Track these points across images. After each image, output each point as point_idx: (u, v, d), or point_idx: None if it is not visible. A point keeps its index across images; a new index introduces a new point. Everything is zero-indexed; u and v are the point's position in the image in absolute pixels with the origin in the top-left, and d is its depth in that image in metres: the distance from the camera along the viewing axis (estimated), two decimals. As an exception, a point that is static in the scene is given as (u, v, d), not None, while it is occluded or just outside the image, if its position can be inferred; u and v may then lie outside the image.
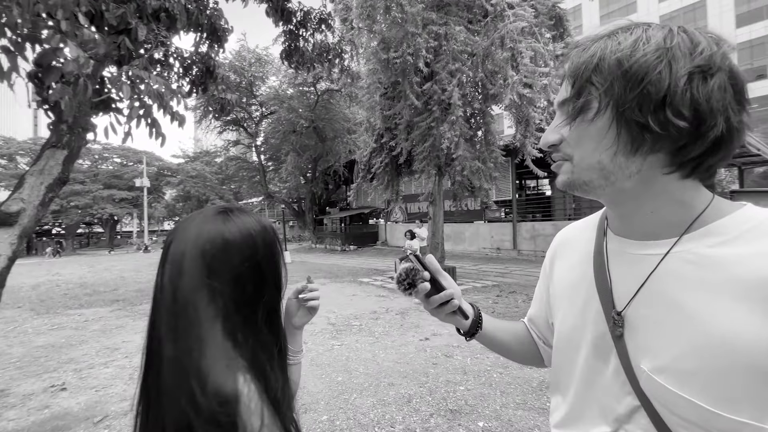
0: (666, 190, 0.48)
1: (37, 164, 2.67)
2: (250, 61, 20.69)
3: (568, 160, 0.51)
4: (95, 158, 33.61)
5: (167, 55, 4.10)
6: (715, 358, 0.43)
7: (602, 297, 0.55)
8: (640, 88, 0.42)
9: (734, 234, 0.46)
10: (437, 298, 0.64)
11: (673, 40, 0.43)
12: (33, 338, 5.27)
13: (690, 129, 0.42)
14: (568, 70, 0.50)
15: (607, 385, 0.54)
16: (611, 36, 0.47)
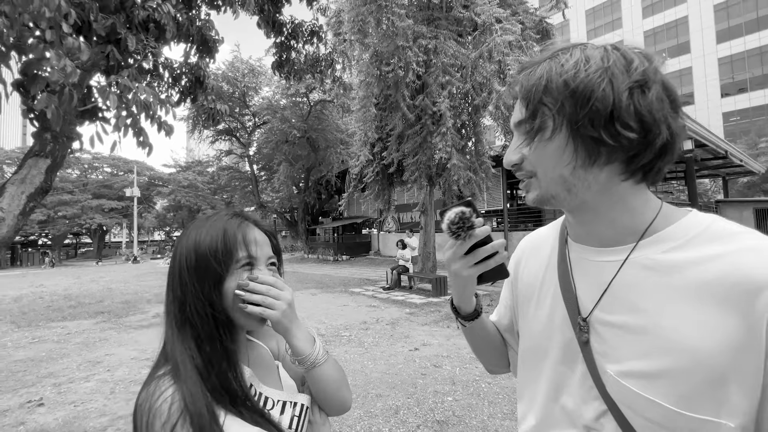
0: (622, 198, 0.51)
1: (18, 173, 2.63)
2: (243, 72, 20.81)
3: (533, 176, 0.54)
4: (85, 168, 33.22)
5: (156, 65, 4.11)
6: (675, 359, 0.44)
7: (568, 304, 0.57)
8: (589, 105, 0.46)
9: (683, 240, 0.49)
10: (488, 247, 0.57)
11: (610, 59, 0.47)
12: (12, 352, 5.11)
13: (639, 138, 0.46)
14: (519, 93, 0.53)
15: (575, 390, 0.55)
16: (554, 58, 0.50)
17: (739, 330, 0.42)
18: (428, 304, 7.38)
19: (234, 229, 0.64)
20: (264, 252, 0.67)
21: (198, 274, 0.61)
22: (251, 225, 0.68)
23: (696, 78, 29.07)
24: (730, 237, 0.47)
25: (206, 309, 0.60)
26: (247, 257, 0.64)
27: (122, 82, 3.00)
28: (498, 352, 0.78)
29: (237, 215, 0.68)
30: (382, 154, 9.79)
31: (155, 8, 3.56)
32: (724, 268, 0.44)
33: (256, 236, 0.66)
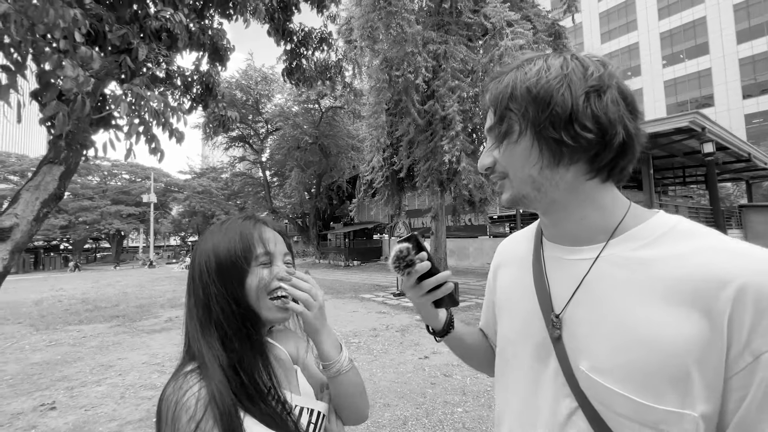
0: (590, 196, 0.54)
1: (33, 180, 2.69)
2: (257, 80, 21.20)
3: (505, 177, 0.57)
4: (104, 175, 34.24)
5: (169, 74, 4.19)
6: (644, 353, 0.46)
7: (541, 301, 0.59)
8: (549, 109, 0.49)
9: (651, 238, 0.51)
10: (433, 280, 0.62)
11: (568, 67, 0.51)
12: (29, 355, 5.23)
13: (597, 139, 0.49)
14: (489, 101, 0.57)
15: (548, 389, 0.56)
16: (519, 68, 0.54)
17: (703, 325, 0.44)
18: (439, 310, 7.26)
19: (250, 229, 0.69)
20: (279, 249, 0.70)
21: (221, 275, 0.65)
22: (264, 225, 0.72)
23: (716, 79, 28.27)
24: (696, 236, 0.49)
25: (232, 307, 0.64)
26: (265, 253, 0.68)
27: (135, 90, 3.06)
28: (484, 358, 0.80)
29: (250, 217, 0.73)
30: (393, 160, 9.77)
31: (168, 18, 3.63)
32: (689, 266, 0.47)
33: (271, 234, 0.71)
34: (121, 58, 3.31)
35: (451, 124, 7.70)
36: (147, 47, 3.43)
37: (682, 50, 29.79)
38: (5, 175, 28.80)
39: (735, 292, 0.43)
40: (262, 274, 0.66)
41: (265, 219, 0.74)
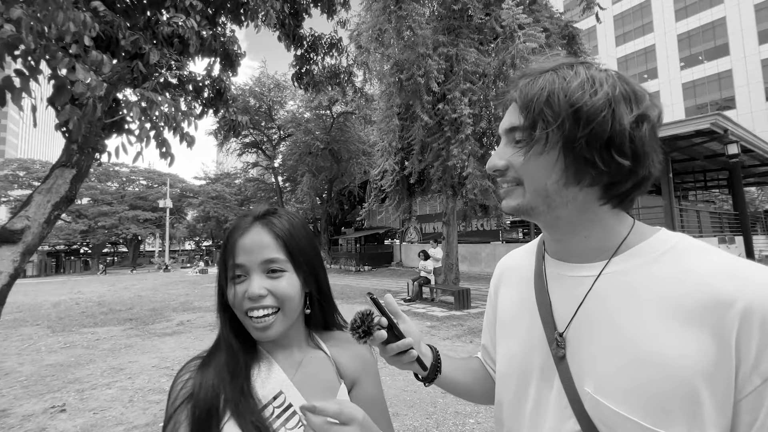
0: (597, 216, 0.52)
1: (45, 183, 2.72)
2: (269, 87, 21.52)
3: (519, 185, 0.54)
4: (123, 180, 35.18)
5: (180, 79, 4.24)
6: (649, 374, 0.44)
7: (544, 319, 0.57)
8: (590, 128, 0.46)
9: (653, 256, 0.50)
10: (394, 346, 0.60)
11: (617, 89, 0.48)
12: (44, 356, 5.31)
13: (629, 168, 0.47)
14: (518, 100, 0.52)
15: (550, 410, 0.54)
16: (557, 71, 0.50)
17: (710, 345, 0.42)
18: (450, 317, 7.13)
19: (233, 234, 0.64)
20: (254, 258, 0.61)
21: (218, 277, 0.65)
22: (253, 226, 0.64)
23: (737, 81, 27.43)
24: (698, 253, 0.48)
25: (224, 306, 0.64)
26: (234, 266, 0.61)
27: (146, 94, 3.09)
28: (482, 392, 0.76)
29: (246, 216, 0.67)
30: (404, 164, 9.72)
31: (180, 25, 3.68)
32: (693, 284, 0.45)
33: (251, 240, 0.62)
34: (133, 63, 3.36)
35: (460, 126, 7.61)
36: (159, 53, 3.47)
37: (700, 52, 29.04)
38: (30, 181, 29.87)
39: (740, 314, 0.41)
40: (232, 291, 0.61)
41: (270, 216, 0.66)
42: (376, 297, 0.61)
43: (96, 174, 30.89)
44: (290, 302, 0.63)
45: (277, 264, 0.62)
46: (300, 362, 0.65)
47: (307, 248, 0.67)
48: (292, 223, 0.66)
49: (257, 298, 0.60)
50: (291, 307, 0.63)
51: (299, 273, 0.64)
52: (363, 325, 0.58)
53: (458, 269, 9.93)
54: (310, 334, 0.71)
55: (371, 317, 0.58)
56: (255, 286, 0.60)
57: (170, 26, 3.60)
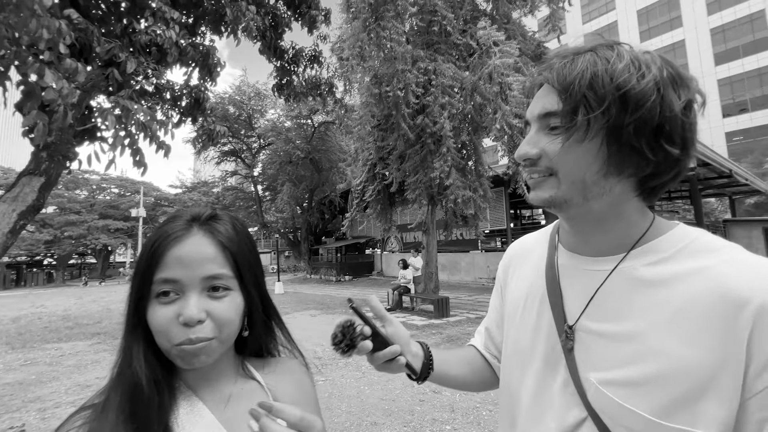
0: (625, 211, 0.51)
1: (11, 191, 2.63)
2: (250, 95, 21.37)
3: (552, 174, 0.50)
4: (93, 188, 33.76)
5: (158, 87, 4.20)
6: (656, 369, 0.45)
7: (554, 311, 0.57)
8: (639, 113, 0.43)
9: (670, 252, 0.49)
10: (381, 355, 0.58)
11: (664, 71, 0.45)
12: (2, 375, 5.00)
13: (676, 156, 0.45)
14: (555, 81, 0.48)
15: (556, 398, 0.54)
16: (596, 51, 0.47)
17: (721, 343, 0.42)
18: (429, 326, 7.19)
19: (160, 241, 0.50)
20: (193, 274, 0.49)
21: (129, 293, 0.51)
22: (192, 233, 0.51)
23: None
24: (715, 251, 0.47)
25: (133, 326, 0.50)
26: (164, 281, 0.48)
27: (122, 102, 3.05)
28: (480, 380, 0.76)
29: (181, 217, 0.53)
30: (384, 173, 9.82)
31: (158, 33, 3.66)
32: (708, 282, 0.45)
33: (188, 250, 0.49)
34: (108, 71, 3.32)
35: (441, 139, 7.81)
36: (136, 61, 3.44)
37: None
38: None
39: (755, 313, 0.41)
40: (155, 314, 0.48)
41: (214, 222, 0.54)
42: (357, 305, 0.57)
43: (64, 182, 29.53)
44: (230, 327, 0.51)
45: (222, 281, 0.51)
46: (229, 397, 0.54)
47: (253, 261, 0.56)
48: (237, 230, 0.55)
49: (194, 324, 0.48)
50: (229, 333, 0.52)
51: (244, 291, 0.54)
52: (345, 338, 0.54)
53: (438, 278, 10.04)
54: (241, 362, 0.59)
55: (353, 328, 0.55)
56: (193, 309, 0.47)
57: (148, 35, 3.58)
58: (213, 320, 0.49)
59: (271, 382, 0.59)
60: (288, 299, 12.25)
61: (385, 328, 0.62)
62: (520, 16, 9.55)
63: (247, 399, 0.55)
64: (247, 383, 0.57)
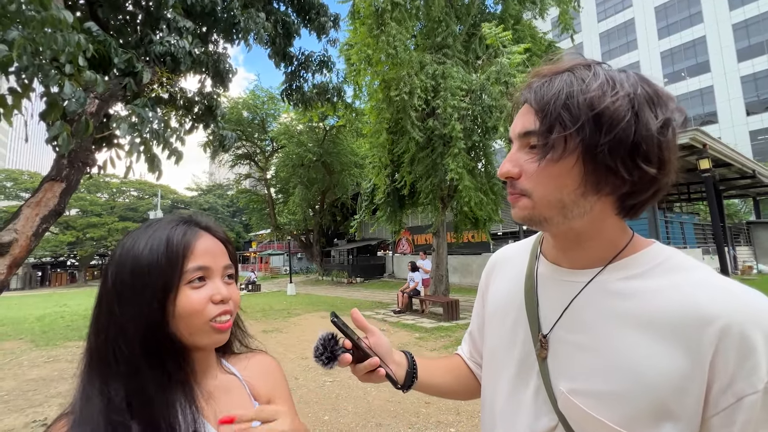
0: (606, 228, 0.52)
1: (35, 196, 2.78)
2: (263, 100, 21.73)
3: (526, 195, 0.51)
4: (113, 192, 34.87)
5: (172, 94, 4.35)
6: (621, 382, 0.46)
7: (530, 319, 0.58)
8: (613, 133, 0.44)
9: (644, 269, 0.50)
10: (361, 367, 0.61)
11: (636, 88, 0.45)
12: (27, 371, 5.23)
13: (653, 175, 0.45)
14: (532, 101, 0.49)
15: (528, 404, 0.56)
16: (573, 71, 0.48)
17: (684, 360, 0.43)
18: (438, 328, 7.18)
19: (179, 238, 0.55)
20: (219, 263, 0.57)
21: (134, 292, 0.52)
22: (201, 232, 0.58)
23: (718, 96, 28.46)
24: (686, 270, 0.48)
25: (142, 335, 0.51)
26: (197, 269, 0.54)
27: (137, 110, 3.19)
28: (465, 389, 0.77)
29: (184, 220, 0.59)
30: (394, 177, 9.87)
31: (172, 44, 3.81)
32: (675, 300, 0.46)
33: (209, 244, 0.57)
34: (125, 81, 3.47)
35: (452, 141, 7.81)
36: (151, 71, 3.59)
37: (683, 68, 30.03)
38: (17, 191, 29.47)
39: (719, 332, 0.42)
40: (192, 297, 0.53)
41: (205, 222, 0.61)
42: (337, 320, 0.59)
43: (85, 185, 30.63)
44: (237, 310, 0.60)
45: (231, 270, 0.60)
46: (211, 393, 0.57)
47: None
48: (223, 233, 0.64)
49: (227, 302, 0.56)
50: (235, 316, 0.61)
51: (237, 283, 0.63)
52: (326, 351, 0.57)
53: (448, 281, 10.01)
54: (218, 358, 0.64)
55: (335, 341, 0.58)
56: (224, 289, 0.56)
57: (163, 45, 3.73)
58: (233, 301, 0.58)
59: (247, 375, 0.64)
60: (299, 301, 12.40)
61: (368, 338, 0.64)
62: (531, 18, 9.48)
63: (227, 394, 0.59)
64: (227, 378, 0.62)
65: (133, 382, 0.50)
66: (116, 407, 0.48)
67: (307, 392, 4.03)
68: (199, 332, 0.54)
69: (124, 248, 0.55)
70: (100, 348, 0.51)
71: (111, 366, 0.50)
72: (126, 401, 0.49)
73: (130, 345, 0.50)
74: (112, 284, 0.53)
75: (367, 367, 0.60)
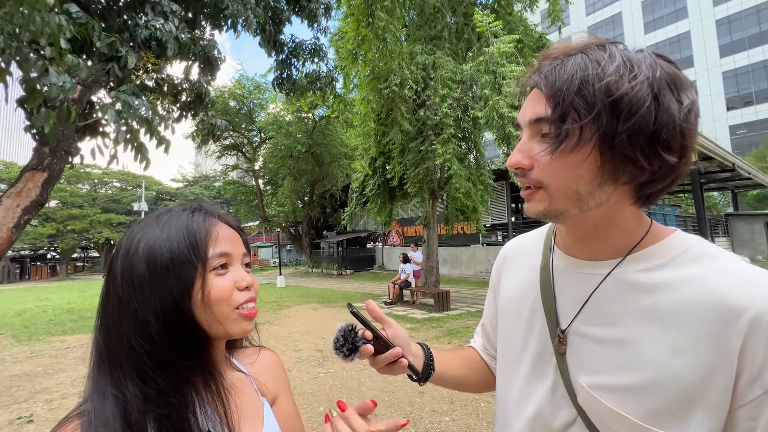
0: (623, 218, 0.50)
1: (15, 186, 2.66)
2: (250, 89, 21.26)
3: (541, 188, 0.48)
4: (94, 183, 33.85)
5: (158, 82, 4.20)
6: (645, 376, 0.45)
7: (548, 314, 0.56)
8: (632, 121, 0.41)
9: (665, 259, 0.48)
10: (383, 358, 0.58)
11: (655, 72, 0.42)
12: (9, 367, 5.09)
13: (676, 163, 0.43)
14: (543, 86, 0.46)
15: (544, 399, 0.55)
16: (587, 53, 0.44)
17: (711, 354, 0.42)
18: (430, 319, 7.25)
19: (200, 225, 0.54)
20: (238, 250, 0.56)
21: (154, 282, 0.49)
22: (217, 220, 0.57)
23: (701, 92, 29.11)
24: (709, 260, 0.47)
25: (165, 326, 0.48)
26: (220, 255, 0.53)
27: (123, 97, 3.07)
28: (479, 382, 0.76)
29: (198, 209, 0.56)
30: (385, 167, 9.82)
31: (158, 28, 3.66)
32: (700, 291, 0.44)
33: (227, 231, 0.56)
34: (109, 66, 3.33)
35: (443, 129, 7.79)
36: (136, 56, 3.45)
37: (667, 63, 30.49)
38: (-7, 182, 28.34)
39: (749, 323, 0.41)
40: (219, 283, 0.52)
41: (218, 211, 0.59)
42: (356, 310, 0.58)
43: (66, 176, 29.61)
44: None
45: (248, 258, 0.59)
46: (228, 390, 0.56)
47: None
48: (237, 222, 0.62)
49: (251, 288, 0.55)
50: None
51: None
52: (347, 342, 0.56)
53: (438, 272, 10.09)
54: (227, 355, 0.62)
55: (354, 332, 0.56)
56: (246, 276, 0.55)
57: (148, 29, 3.58)
58: (254, 288, 0.56)
59: (254, 372, 0.63)
60: (290, 293, 12.34)
61: (384, 330, 0.62)
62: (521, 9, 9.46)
63: (237, 391, 0.57)
64: (235, 375, 0.60)
65: (153, 380, 0.47)
66: (135, 408, 0.46)
67: (300, 384, 4.02)
68: (227, 320, 0.52)
69: (134, 239, 0.51)
70: (114, 347, 0.48)
71: (125, 365, 0.48)
72: (144, 401, 0.46)
73: (150, 340, 0.48)
74: (125, 278, 0.49)
75: (389, 357, 0.58)
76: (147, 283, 0.49)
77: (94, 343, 0.50)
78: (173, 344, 0.49)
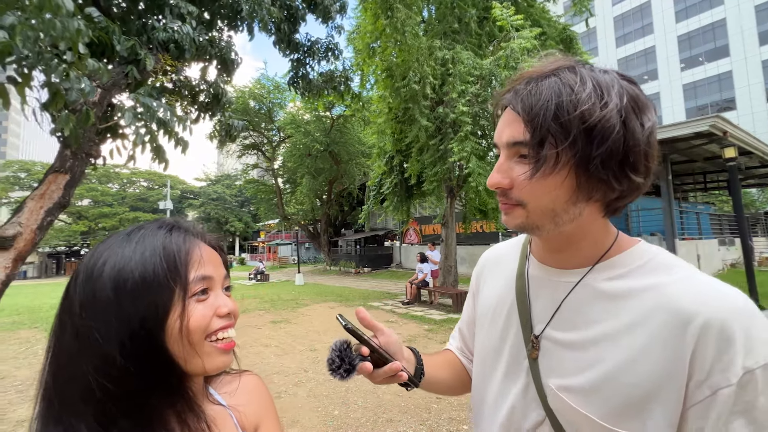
0: (593, 229, 0.53)
1: (38, 189, 2.73)
2: (269, 89, 21.56)
3: (520, 205, 0.51)
4: (123, 182, 35.29)
5: (176, 83, 4.26)
6: (606, 378, 0.48)
7: (522, 321, 0.59)
8: (605, 146, 0.44)
9: (628, 269, 0.51)
10: (382, 372, 0.57)
11: (624, 98, 0.45)
12: (42, 360, 5.31)
13: (642, 182, 0.47)
14: (521, 111, 0.48)
15: (516, 401, 0.57)
16: (559, 76, 0.47)
17: (667, 356, 0.44)
18: (448, 320, 7.12)
19: (179, 245, 0.48)
20: (220, 273, 0.51)
21: (121, 310, 0.42)
22: (196, 240, 0.51)
23: (737, 82, 27.43)
24: (668, 270, 0.49)
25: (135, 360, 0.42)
26: (201, 279, 0.47)
27: (141, 99, 3.10)
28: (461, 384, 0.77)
29: (174, 226, 0.50)
30: (403, 166, 9.72)
31: (175, 30, 3.69)
32: (660, 298, 0.47)
33: (208, 252, 0.51)
34: (128, 68, 3.38)
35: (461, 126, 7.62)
36: (154, 58, 3.49)
37: (701, 53, 29.01)
38: (31, 182, 29.99)
39: (700, 327, 0.43)
40: (198, 311, 0.46)
41: (197, 229, 0.53)
42: (350, 325, 0.54)
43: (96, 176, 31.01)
44: None
45: (229, 281, 0.54)
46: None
47: None
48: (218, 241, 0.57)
49: (228, 316, 0.49)
50: None
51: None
52: (344, 363, 0.53)
53: (457, 271, 9.92)
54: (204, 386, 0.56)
55: (349, 350, 0.53)
56: (227, 301, 0.50)
57: (166, 32, 3.62)
58: (234, 315, 0.51)
59: (233, 403, 0.56)
60: (308, 291, 12.44)
61: (377, 338, 0.61)
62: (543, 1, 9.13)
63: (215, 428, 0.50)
64: (213, 410, 0.53)
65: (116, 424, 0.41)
66: None
67: (316, 386, 4.00)
68: (201, 351, 0.46)
69: (98, 261, 0.45)
70: (66, 387, 0.42)
71: (82, 408, 0.41)
72: None
73: (114, 379, 0.41)
74: (86, 306, 0.43)
75: (388, 372, 0.58)
76: (113, 312, 0.42)
77: (41, 383, 0.43)
78: (142, 383, 0.43)
